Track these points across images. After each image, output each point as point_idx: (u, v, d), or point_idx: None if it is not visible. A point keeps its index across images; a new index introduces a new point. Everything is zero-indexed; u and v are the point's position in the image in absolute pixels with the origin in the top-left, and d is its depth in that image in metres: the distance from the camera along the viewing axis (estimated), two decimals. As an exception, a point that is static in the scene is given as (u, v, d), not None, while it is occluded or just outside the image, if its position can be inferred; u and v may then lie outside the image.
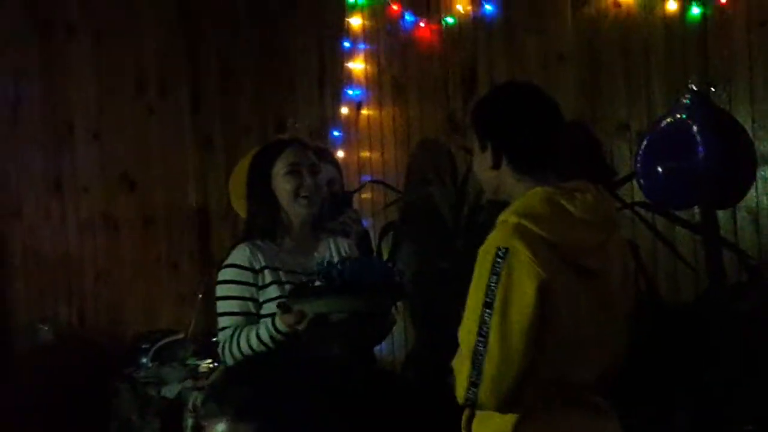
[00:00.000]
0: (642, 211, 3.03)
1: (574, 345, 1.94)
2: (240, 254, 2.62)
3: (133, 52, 4.45)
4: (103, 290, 4.31)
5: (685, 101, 2.89)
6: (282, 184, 2.64)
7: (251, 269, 2.60)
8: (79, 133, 4.29)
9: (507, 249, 1.88)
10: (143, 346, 4.11)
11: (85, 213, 4.29)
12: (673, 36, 3.09)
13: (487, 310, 1.87)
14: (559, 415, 1.96)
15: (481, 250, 1.94)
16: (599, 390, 2.02)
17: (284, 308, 2.46)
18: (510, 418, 1.93)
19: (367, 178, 3.99)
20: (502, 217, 1.97)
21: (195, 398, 3.66)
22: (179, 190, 4.58)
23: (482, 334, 1.87)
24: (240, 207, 3.55)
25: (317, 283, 2.45)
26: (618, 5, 3.25)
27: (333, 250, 2.73)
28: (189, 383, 3.79)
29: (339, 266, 2.45)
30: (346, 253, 2.74)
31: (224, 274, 2.63)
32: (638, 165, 2.99)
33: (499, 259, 1.88)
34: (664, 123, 2.93)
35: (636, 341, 2.09)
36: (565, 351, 1.93)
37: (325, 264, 2.52)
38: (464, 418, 2.04)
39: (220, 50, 4.60)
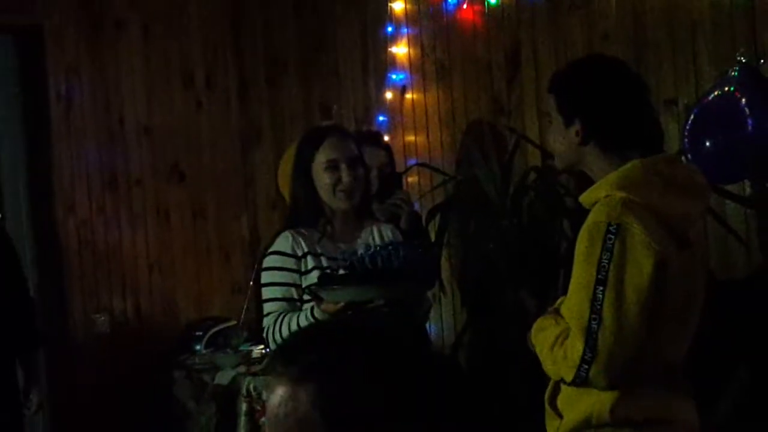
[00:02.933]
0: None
1: (672, 320, 1.91)
2: (283, 241, 2.65)
3: (180, 44, 4.50)
4: (157, 281, 4.37)
5: (733, 74, 2.83)
6: (321, 179, 2.64)
7: (294, 256, 2.62)
8: (130, 127, 4.34)
9: (618, 224, 1.84)
10: (197, 333, 4.17)
11: (137, 206, 4.35)
12: (721, 9, 3.03)
13: (600, 287, 1.83)
14: (655, 394, 1.92)
15: (587, 227, 1.89)
16: (682, 369, 1.99)
17: (314, 296, 2.49)
18: (607, 397, 1.89)
19: (412, 161, 3.98)
20: (601, 192, 1.92)
21: (248, 383, 3.71)
22: (228, 180, 4.63)
23: (595, 311, 1.83)
24: (287, 194, 3.58)
25: (341, 272, 2.46)
26: (662, -21, 3.19)
27: (376, 236, 2.73)
28: (242, 369, 3.82)
29: (362, 255, 2.46)
30: (388, 238, 2.73)
31: (268, 261, 2.66)
32: (686, 140, 2.93)
33: (610, 236, 1.84)
34: (711, 96, 2.87)
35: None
36: (664, 326, 1.89)
37: (350, 253, 2.52)
38: (548, 393, 2.01)
39: (266, 40, 4.62)
